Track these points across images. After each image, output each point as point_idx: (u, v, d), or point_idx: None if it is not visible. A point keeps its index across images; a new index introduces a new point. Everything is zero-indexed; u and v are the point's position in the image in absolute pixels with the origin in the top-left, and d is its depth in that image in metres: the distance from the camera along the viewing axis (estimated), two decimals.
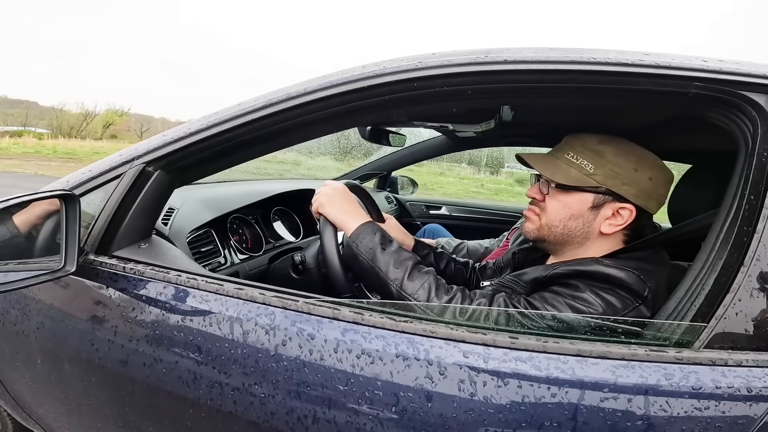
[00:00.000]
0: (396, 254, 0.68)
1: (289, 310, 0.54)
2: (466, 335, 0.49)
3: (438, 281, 0.66)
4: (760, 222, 0.47)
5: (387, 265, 0.66)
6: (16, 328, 0.70)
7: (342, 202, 0.73)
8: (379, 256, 0.67)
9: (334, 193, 0.74)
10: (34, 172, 8.45)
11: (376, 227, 0.71)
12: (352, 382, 0.50)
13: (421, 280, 0.65)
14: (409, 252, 0.70)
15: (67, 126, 23.06)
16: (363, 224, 0.71)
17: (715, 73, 0.52)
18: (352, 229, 0.71)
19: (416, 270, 0.67)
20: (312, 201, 0.75)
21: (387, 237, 0.71)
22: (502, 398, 0.46)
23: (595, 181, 0.64)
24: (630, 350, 0.46)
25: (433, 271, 0.68)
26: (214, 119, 0.62)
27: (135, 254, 0.64)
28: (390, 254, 0.68)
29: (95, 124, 24.45)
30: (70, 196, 0.59)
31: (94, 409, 0.68)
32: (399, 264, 0.67)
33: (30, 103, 33.15)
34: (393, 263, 0.67)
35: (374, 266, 0.67)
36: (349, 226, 0.71)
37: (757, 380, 0.44)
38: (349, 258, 0.70)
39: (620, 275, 0.58)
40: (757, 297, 0.46)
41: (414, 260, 0.68)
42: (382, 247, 0.68)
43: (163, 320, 0.58)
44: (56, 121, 23.27)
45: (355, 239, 0.69)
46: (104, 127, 24.37)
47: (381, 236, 0.70)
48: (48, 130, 21.76)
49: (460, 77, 0.57)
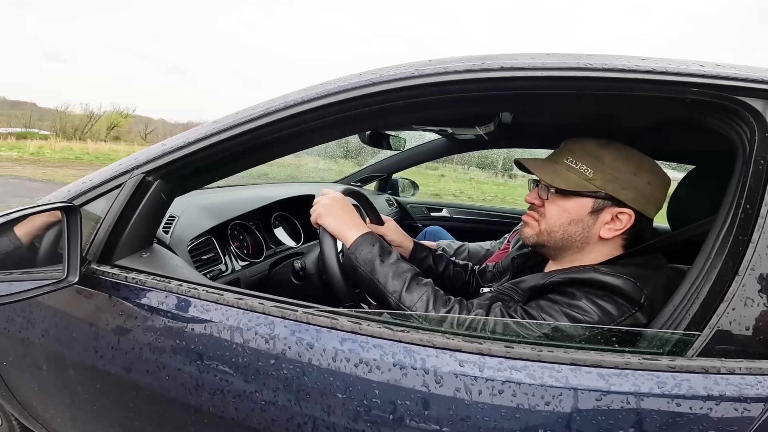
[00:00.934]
0: (394, 266, 0.68)
1: (288, 319, 0.54)
2: (462, 344, 0.49)
3: (436, 293, 0.67)
4: (756, 231, 0.47)
5: (386, 277, 0.67)
6: (21, 335, 0.72)
7: (341, 212, 0.73)
8: (378, 268, 0.68)
9: (333, 204, 0.74)
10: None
11: (375, 238, 0.71)
12: (350, 390, 0.51)
13: (419, 292, 0.66)
14: (408, 264, 0.70)
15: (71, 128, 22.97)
16: (362, 236, 0.71)
17: (712, 78, 0.52)
18: (350, 241, 0.71)
19: (415, 282, 0.67)
20: (311, 210, 0.75)
21: (386, 248, 0.71)
22: (498, 406, 0.47)
23: (595, 186, 0.64)
24: (624, 359, 0.47)
25: (431, 282, 0.69)
26: (213, 128, 0.62)
27: (137, 263, 0.64)
28: (388, 266, 0.68)
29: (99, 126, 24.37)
30: (71, 207, 0.60)
31: (99, 414, 0.70)
32: (397, 276, 0.67)
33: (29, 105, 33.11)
34: (391, 275, 0.67)
35: (373, 278, 0.67)
36: (348, 237, 0.71)
37: (750, 388, 0.44)
38: (349, 269, 0.71)
39: (617, 283, 0.59)
40: (751, 306, 0.46)
41: (413, 272, 0.69)
42: (381, 259, 0.69)
43: (165, 329, 0.59)
44: (59, 122, 23.18)
45: (354, 251, 0.70)
46: (108, 129, 24.28)
47: (380, 248, 0.70)
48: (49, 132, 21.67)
49: (457, 84, 0.57)
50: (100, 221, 0.65)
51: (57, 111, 23.78)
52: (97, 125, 24.26)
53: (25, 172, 8.32)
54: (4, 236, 0.62)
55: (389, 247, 0.73)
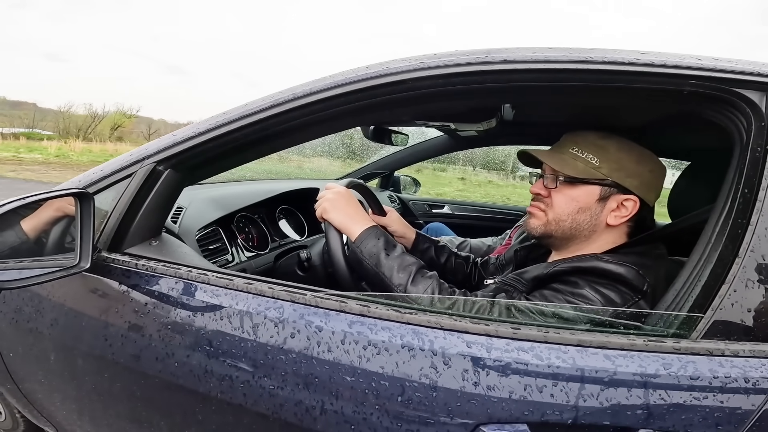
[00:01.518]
0: (399, 259, 0.69)
1: (298, 303, 0.55)
2: (469, 326, 0.50)
3: (441, 285, 0.68)
4: (754, 214, 0.48)
5: (391, 270, 0.68)
6: (29, 325, 0.72)
7: (346, 206, 0.75)
8: (383, 262, 0.69)
9: (337, 198, 0.75)
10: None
11: (380, 232, 0.72)
12: (359, 372, 0.51)
13: (424, 284, 0.67)
14: (413, 257, 0.71)
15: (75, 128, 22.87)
16: (367, 229, 0.72)
17: (710, 71, 0.53)
18: (356, 235, 0.72)
19: (420, 275, 0.68)
20: (315, 206, 0.77)
21: (391, 242, 0.72)
22: (505, 387, 0.47)
23: (602, 174, 0.65)
24: (629, 340, 0.48)
25: (436, 275, 0.69)
26: (222, 119, 0.64)
27: (146, 251, 0.65)
28: (393, 259, 0.69)
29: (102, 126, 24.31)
30: (84, 194, 0.61)
31: (105, 406, 0.70)
32: (402, 269, 0.68)
33: (29, 105, 33.12)
34: (396, 268, 0.68)
35: (378, 271, 0.69)
36: (353, 231, 0.72)
37: (754, 370, 0.45)
38: (354, 262, 0.72)
39: (620, 271, 0.60)
40: (752, 288, 0.47)
41: (418, 265, 0.69)
42: (386, 252, 0.70)
43: (175, 315, 0.60)
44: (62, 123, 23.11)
45: (359, 245, 0.71)
46: (112, 129, 24.19)
47: (385, 241, 0.71)
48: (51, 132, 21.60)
49: (461, 77, 0.58)
50: (110, 210, 0.66)
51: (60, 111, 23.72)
52: (100, 125, 24.22)
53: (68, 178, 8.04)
54: (16, 225, 0.63)
55: (394, 240, 0.74)
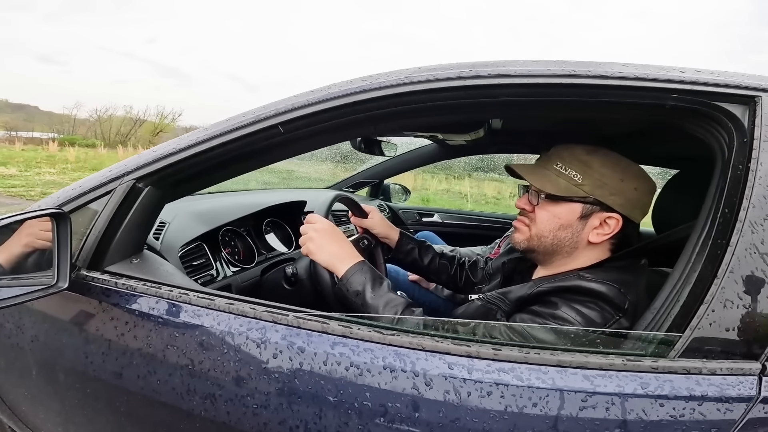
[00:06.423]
0: (386, 297, 0.69)
1: (280, 324, 0.55)
2: (450, 347, 0.50)
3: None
4: (734, 234, 0.48)
5: (376, 310, 0.68)
6: (11, 341, 0.71)
7: (330, 245, 0.74)
8: (369, 302, 0.68)
9: (320, 236, 0.74)
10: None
11: (366, 268, 0.72)
12: (341, 393, 0.51)
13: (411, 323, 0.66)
14: (400, 297, 0.70)
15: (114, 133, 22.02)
16: (352, 266, 0.72)
17: (692, 84, 0.53)
18: (341, 273, 0.72)
19: (408, 313, 0.67)
20: (300, 242, 0.76)
21: (377, 279, 0.71)
22: (486, 408, 0.48)
23: (584, 191, 0.65)
24: (608, 360, 0.48)
25: (421, 312, 0.68)
26: (204, 135, 0.63)
27: (127, 269, 0.64)
28: (379, 297, 0.69)
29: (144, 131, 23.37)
30: (60, 214, 0.60)
31: (89, 419, 0.69)
32: (390, 308, 0.67)
33: (31, 108, 32.33)
34: (383, 307, 0.68)
35: (364, 311, 0.68)
36: (339, 270, 0.72)
37: (731, 388, 0.46)
38: (341, 297, 0.72)
39: (601, 289, 0.60)
40: (730, 308, 0.47)
41: (404, 304, 0.68)
42: (372, 291, 0.69)
43: (156, 334, 0.59)
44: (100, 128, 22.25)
45: (345, 283, 0.71)
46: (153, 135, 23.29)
47: (371, 279, 0.71)
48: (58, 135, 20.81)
49: (446, 92, 0.58)
50: (89, 227, 0.64)
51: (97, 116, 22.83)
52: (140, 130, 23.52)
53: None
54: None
55: (381, 276, 0.73)
